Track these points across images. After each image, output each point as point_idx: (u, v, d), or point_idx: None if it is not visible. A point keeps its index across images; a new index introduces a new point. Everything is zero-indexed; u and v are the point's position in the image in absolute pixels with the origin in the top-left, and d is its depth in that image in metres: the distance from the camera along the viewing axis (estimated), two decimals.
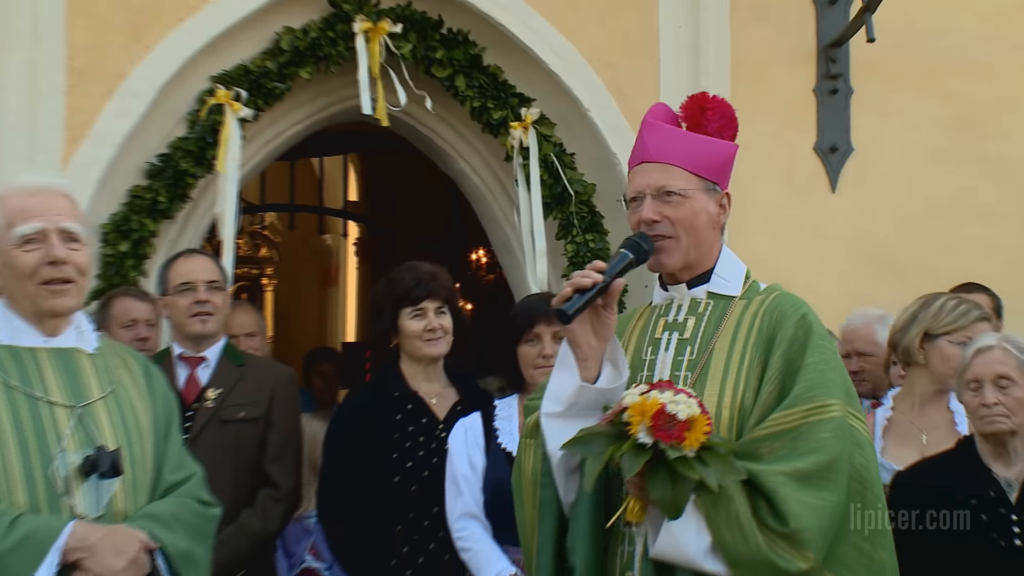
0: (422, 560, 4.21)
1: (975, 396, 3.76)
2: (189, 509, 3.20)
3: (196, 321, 4.58)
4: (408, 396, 4.35)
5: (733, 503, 2.73)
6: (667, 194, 3.00)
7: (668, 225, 3.00)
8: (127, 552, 2.94)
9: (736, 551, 2.73)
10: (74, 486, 2.98)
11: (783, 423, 2.82)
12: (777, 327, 2.94)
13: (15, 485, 2.93)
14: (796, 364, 2.89)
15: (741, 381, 2.92)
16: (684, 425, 2.67)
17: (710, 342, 2.99)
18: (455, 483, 4.13)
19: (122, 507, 3.06)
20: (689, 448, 2.67)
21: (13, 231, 3.08)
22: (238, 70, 5.53)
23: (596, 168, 5.86)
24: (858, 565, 2.82)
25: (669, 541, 2.78)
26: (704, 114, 3.10)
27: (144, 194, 5.42)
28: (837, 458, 2.80)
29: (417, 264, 4.47)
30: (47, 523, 2.90)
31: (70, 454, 2.99)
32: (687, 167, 3.02)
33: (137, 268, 5.38)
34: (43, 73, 5.27)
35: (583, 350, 2.94)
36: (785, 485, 2.74)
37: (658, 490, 2.70)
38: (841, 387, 2.90)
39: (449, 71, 5.71)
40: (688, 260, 3.05)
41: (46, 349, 3.13)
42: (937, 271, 5.64)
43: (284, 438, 4.62)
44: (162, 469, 3.22)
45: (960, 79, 6.11)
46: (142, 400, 3.25)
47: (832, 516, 2.77)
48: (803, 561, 2.73)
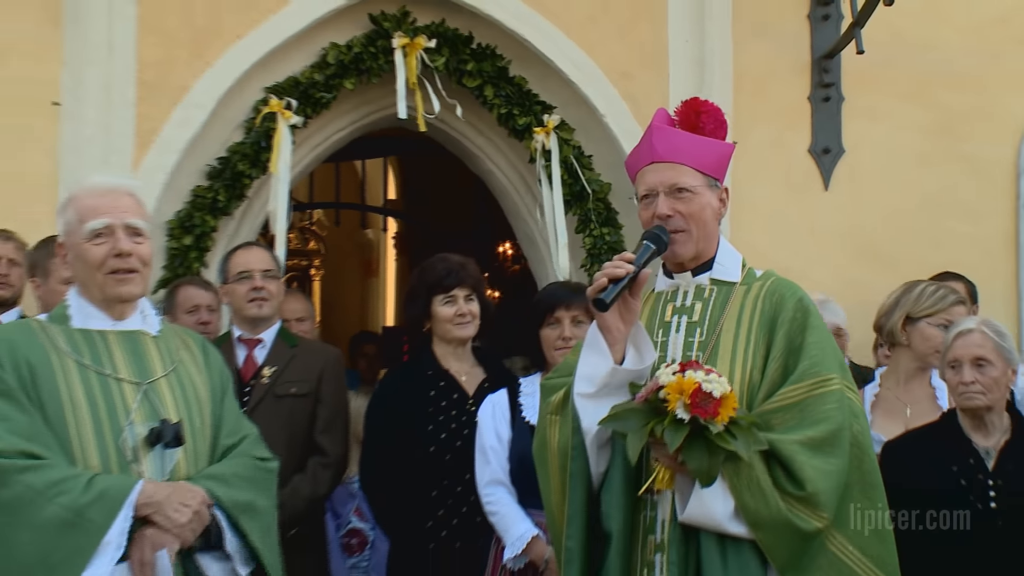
0: (455, 522, 4.24)
1: (955, 374, 3.77)
2: (246, 465, 3.21)
3: (253, 306, 4.62)
4: (440, 375, 4.37)
5: (754, 470, 2.76)
6: (679, 191, 3.01)
7: (680, 219, 3.01)
8: (191, 506, 2.95)
9: (758, 514, 2.76)
10: (141, 455, 3.01)
11: (791, 397, 2.86)
12: (778, 310, 2.96)
13: (90, 453, 2.96)
14: (797, 343, 2.91)
15: (748, 360, 2.94)
16: (719, 402, 2.69)
17: (717, 324, 3.00)
18: (483, 453, 4.14)
19: (184, 472, 3.08)
20: (721, 422, 2.69)
21: (84, 227, 3.10)
22: (289, 82, 5.55)
23: (611, 169, 5.84)
24: (860, 522, 2.85)
25: (699, 507, 2.80)
26: (699, 117, 3.11)
27: (205, 194, 5.45)
28: (841, 427, 2.84)
29: (448, 255, 4.49)
30: (120, 481, 2.92)
31: (137, 426, 3.01)
32: (694, 166, 3.03)
33: (199, 260, 5.42)
34: (116, 86, 5.30)
35: (613, 334, 2.93)
36: (800, 453, 2.78)
37: (695, 461, 2.71)
38: (837, 362, 2.94)
39: (479, 81, 5.71)
40: (698, 250, 3.07)
41: (114, 332, 3.15)
42: (922, 261, 5.61)
43: (332, 411, 4.64)
44: (219, 435, 3.24)
45: (942, 88, 6.06)
46: (200, 375, 3.26)
47: (840, 479, 2.81)
48: (818, 520, 2.77)
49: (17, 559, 2.79)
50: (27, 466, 2.84)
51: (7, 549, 2.79)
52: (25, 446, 2.87)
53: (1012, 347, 3.81)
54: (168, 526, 2.92)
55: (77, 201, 3.17)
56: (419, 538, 4.24)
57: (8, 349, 3.00)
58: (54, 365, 3.02)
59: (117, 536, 2.85)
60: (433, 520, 4.24)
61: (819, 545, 2.81)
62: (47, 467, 2.86)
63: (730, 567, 2.80)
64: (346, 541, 5.32)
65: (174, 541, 2.93)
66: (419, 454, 4.26)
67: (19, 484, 2.82)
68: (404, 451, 4.26)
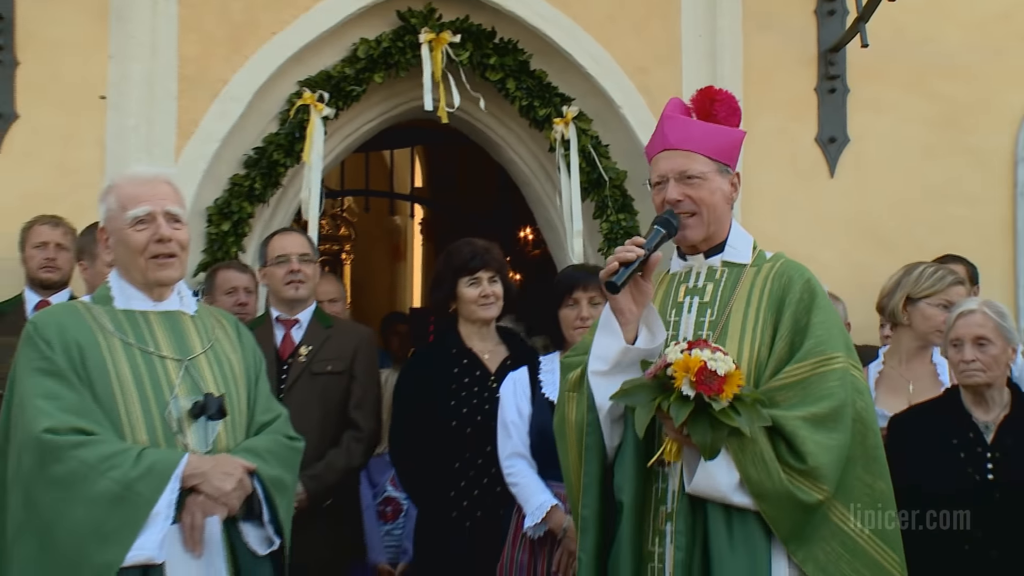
0: (476, 493, 4.25)
1: (957, 353, 3.75)
2: (279, 443, 3.23)
3: (290, 288, 4.63)
4: (464, 353, 4.37)
5: (757, 445, 2.75)
6: (688, 177, 3.00)
7: (690, 204, 3.00)
8: (234, 475, 2.98)
9: (761, 486, 2.75)
10: (185, 426, 3.03)
11: (795, 374, 2.84)
12: (786, 291, 2.94)
13: (137, 426, 2.98)
14: (803, 322, 2.89)
15: (756, 339, 2.92)
16: (723, 379, 2.69)
17: (727, 304, 2.98)
18: (505, 427, 4.14)
19: (224, 444, 3.10)
20: (725, 399, 2.69)
21: (126, 214, 3.11)
22: (321, 75, 5.56)
23: (627, 157, 5.84)
24: (863, 495, 2.84)
25: (705, 479, 2.79)
26: (713, 105, 3.09)
27: (243, 182, 5.47)
28: (843, 403, 2.82)
29: (473, 240, 4.48)
30: (167, 455, 2.94)
31: (181, 399, 3.03)
32: (704, 152, 3.01)
33: (237, 244, 5.44)
34: (159, 80, 5.32)
35: (625, 316, 2.92)
36: (802, 428, 2.77)
37: (699, 435, 2.71)
38: (843, 342, 2.91)
39: (501, 75, 5.70)
40: (708, 233, 3.05)
41: (155, 312, 3.16)
42: (924, 246, 5.57)
43: (365, 388, 4.65)
44: (254, 411, 3.25)
45: (944, 80, 6.01)
46: (235, 353, 3.27)
47: (841, 453, 2.79)
48: (819, 493, 2.76)
49: (72, 531, 2.81)
50: (80, 442, 2.86)
51: (63, 521, 2.81)
52: (77, 422, 2.88)
53: (1012, 327, 3.79)
54: (215, 495, 2.94)
55: (118, 189, 3.18)
56: (443, 507, 4.26)
57: (57, 331, 3.02)
58: (101, 344, 3.03)
59: (165, 508, 2.87)
60: (456, 490, 4.25)
61: (821, 516, 2.80)
62: (98, 442, 2.88)
63: (735, 536, 2.79)
64: (382, 509, 5.34)
65: (222, 509, 2.96)
66: (443, 427, 4.26)
67: (73, 460, 2.84)
68: (430, 423, 4.27)
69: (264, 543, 3.08)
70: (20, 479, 2.88)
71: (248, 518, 3.06)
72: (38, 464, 2.85)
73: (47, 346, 2.98)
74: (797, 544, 2.79)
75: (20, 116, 5.21)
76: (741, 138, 3.10)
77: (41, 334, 3.00)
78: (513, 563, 4.07)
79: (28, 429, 2.88)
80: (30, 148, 5.22)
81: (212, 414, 3.03)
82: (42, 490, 2.84)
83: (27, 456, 2.87)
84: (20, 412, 2.93)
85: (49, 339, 2.99)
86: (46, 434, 2.85)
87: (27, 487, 2.86)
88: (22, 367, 2.99)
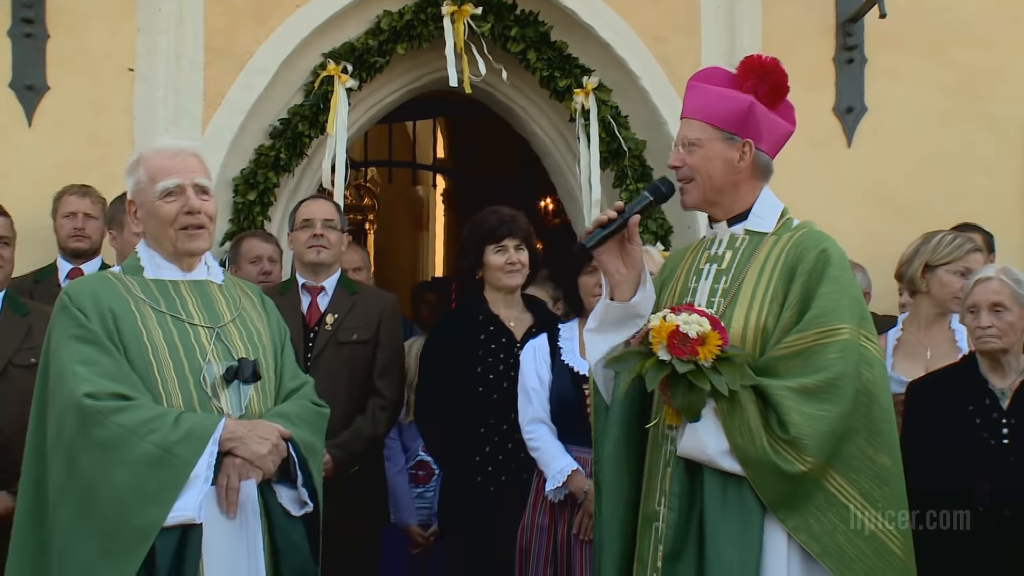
0: (501, 458, 4.25)
1: (974, 319, 3.73)
2: (308, 409, 3.25)
3: (312, 252, 4.63)
4: (490, 320, 4.36)
5: (746, 412, 2.74)
6: (689, 144, 3.00)
7: (687, 170, 3.01)
8: (270, 439, 2.99)
9: (746, 452, 2.74)
10: (220, 391, 3.04)
11: (796, 344, 2.81)
12: (799, 260, 2.91)
13: (173, 391, 2.99)
14: (812, 292, 2.86)
15: (765, 307, 2.89)
16: (697, 341, 2.69)
17: (742, 272, 2.96)
18: (526, 393, 4.15)
19: (257, 408, 3.11)
20: (704, 360, 2.69)
21: (156, 186, 3.11)
22: (345, 47, 5.54)
23: (646, 128, 5.81)
24: (862, 466, 2.79)
25: (692, 441, 2.80)
26: (752, 80, 3.04)
27: (268, 152, 5.46)
28: (841, 375, 2.77)
29: (500, 208, 4.48)
30: (204, 419, 2.96)
31: (214, 365, 3.05)
32: (703, 119, 3.00)
33: (263, 214, 5.44)
34: (186, 52, 5.32)
35: (614, 277, 2.99)
36: (788, 398, 2.74)
37: (677, 398, 2.74)
38: (854, 312, 2.85)
39: (522, 46, 5.67)
40: (707, 199, 3.05)
41: (184, 281, 3.17)
42: (941, 214, 5.53)
43: (389, 356, 4.65)
44: (282, 377, 3.27)
45: (962, 48, 5.95)
46: (261, 321, 3.29)
47: (832, 425, 2.74)
48: (802, 464, 2.72)
49: (115, 493, 2.83)
50: (119, 407, 2.87)
51: (105, 484, 2.84)
52: (115, 388, 2.90)
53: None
54: (251, 458, 2.96)
55: (147, 162, 3.18)
56: (467, 471, 4.27)
57: (92, 299, 3.03)
58: (134, 312, 3.04)
59: (204, 470, 2.89)
60: (481, 456, 4.26)
61: (811, 485, 2.76)
62: (137, 407, 2.89)
63: (729, 500, 2.79)
64: (413, 473, 5.38)
65: (258, 472, 2.98)
66: (469, 393, 4.27)
67: (113, 425, 2.85)
68: (455, 389, 4.28)
69: (297, 504, 3.10)
70: (62, 444, 2.90)
71: (282, 480, 3.08)
72: (80, 429, 2.87)
73: (82, 314, 2.99)
74: (786, 512, 2.77)
75: (51, 87, 5.23)
76: (745, 105, 3.01)
77: (76, 302, 3.02)
78: (534, 526, 4.10)
79: (68, 395, 2.90)
80: (61, 118, 5.23)
81: (247, 378, 3.05)
82: (84, 454, 2.86)
83: (68, 421, 2.89)
84: (59, 379, 2.94)
85: (84, 307, 3.00)
86: (86, 399, 2.86)
87: (69, 451, 2.88)
88: (58, 335, 3.00)
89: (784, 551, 2.78)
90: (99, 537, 2.82)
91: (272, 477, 3.04)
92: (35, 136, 5.21)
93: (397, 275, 13.01)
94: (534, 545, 4.08)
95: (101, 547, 2.82)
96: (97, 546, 2.82)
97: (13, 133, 5.19)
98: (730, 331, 2.84)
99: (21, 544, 3.00)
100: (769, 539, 2.79)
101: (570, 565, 4.01)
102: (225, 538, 2.96)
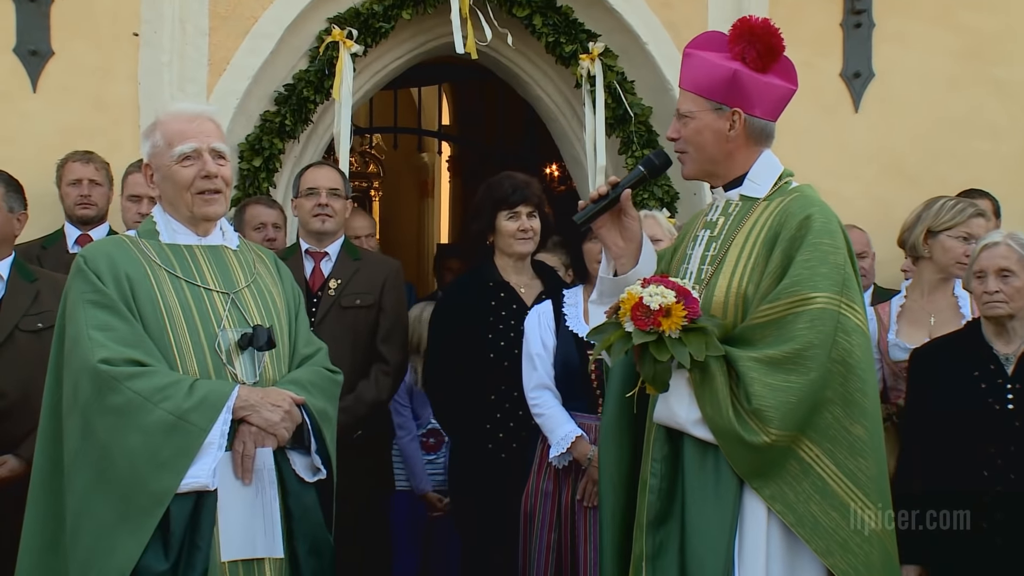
0: (512, 424, 4.26)
1: (980, 284, 3.72)
2: (322, 375, 3.25)
3: (317, 220, 4.63)
4: (501, 286, 4.36)
5: (715, 382, 2.73)
6: (682, 116, 2.99)
7: (682, 142, 3.00)
8: (282, 406, 3.01)
9: (714, 422, 2.74)
10: (234, 357, 3.05)
11: (768, 314, 2.78)
12: (782, 226, 2.86)
13: (187, 357, 3.00)
14: (790, 259, 2.82)
15: (746, 273, 2.87)
16: (660, 312, 2.68)
17: (731, 239, 2.94)
18: (530, 359, 4.15)
19: (271, 375, 3.13)
20: (671, 330, 2.68)
21: (173, 150, 3.11)
22: (350, 12, 5.51)
23: (652, 93, 5.78)
24: (838, 436, 2.76)
25: (664, 409, 2.83)
26: (741, 45, 2.96)
27: (273, 118, 5.45)
28: (809, 345, 2.73)
29: (513, 173, 4.47)
30: (219, 386, 2.97)
31: (228, 331, 3.05)
32: (694, 91, 2.98)
33: (268, 180, 5.44)
34: (190, 18, 5.30)
35: (613, 250, 3.01)
36: (753, 369, 2.72)
37: (644, 369, 2.74)
38: (834, 280, 2.79)
39: (528, 11, 5.63)
40: (704, 170, 3.04)
41: (200, 246, 3.18)
42: (947, 180, 5.52)
43: (392, 321, 4.65)
44: (296, 344, 3.27)
45: (970, 13, 5.90)
46: (276, 287, 3.28)
47: (799, 396, 2.71)
48: (766, 435, 2.69)
49: (129, 458, 2.85)
50: (134, 373, 2.88)
51: (120, 448, 2.86)
52: (131, 354, 2.91)
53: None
54: (263, 425, 2.98)
55: (164, 125, 3.16)
56: (477, 439, 4.28)
57: (108, 264, 3.03)
58: (150, 277, 3.05)
59: (218, 438, 2.91)
60: (491, 422, 4.27)
61: (780, 455, 2.73)
62: (152, 373, 2.91)
63: (707, 468, 2.78)
64: (425, 440, 5.41)
65: (272, 440, 3.00)
66: (479, 359, 4.27)
67: (128, 391, 2.86)
68: (465, 355, 4.28)
69: (310, 471, 3.12)
70: (77, 408, 2.92)
71: (296, 447, 3.10)
72: (95, 394, 2.88)
73: (98, 278, 2.99)
74: (760, 482, 2.75)
75: (56, 52, 5.21)
76: (729, 74, 2.94)
77: (92, 266, 3.02)
78: (539, 492, 4.11)
79: (84, 360, 2.91)
80: (65, 84, 5.22)
81: (261, 345, 3.06)
82: (99, 419, 2.88)
83: (83, 386, 2.90)
84: (74, 343, 2.95)
85: (100, 271, 3.01)
86: (102, 365, 2.88)
87: (84, 415, 2.90)
88: (74, 299, 3.01)
89: (764, 520, 2.77)
90: (114, 502, 2.85)
91: (286, 444, 3.05)
92: (40, 102, 5.20)
93: (402, 242, 12.99)
94: (538, 511, 4.10)
95: (116, 511, 2.84)
96: (112, 510, 2.84)
97: (18, 99, 5.19)
98: (713, 297, 2.86)
99: (38, 504, 3.03)
100: (748, 507, 2.78)
101: (574, 530, 4.03)
102: (241, 504, 2.98)
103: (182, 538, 2.85)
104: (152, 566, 2.80)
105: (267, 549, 3.00)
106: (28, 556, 3.01)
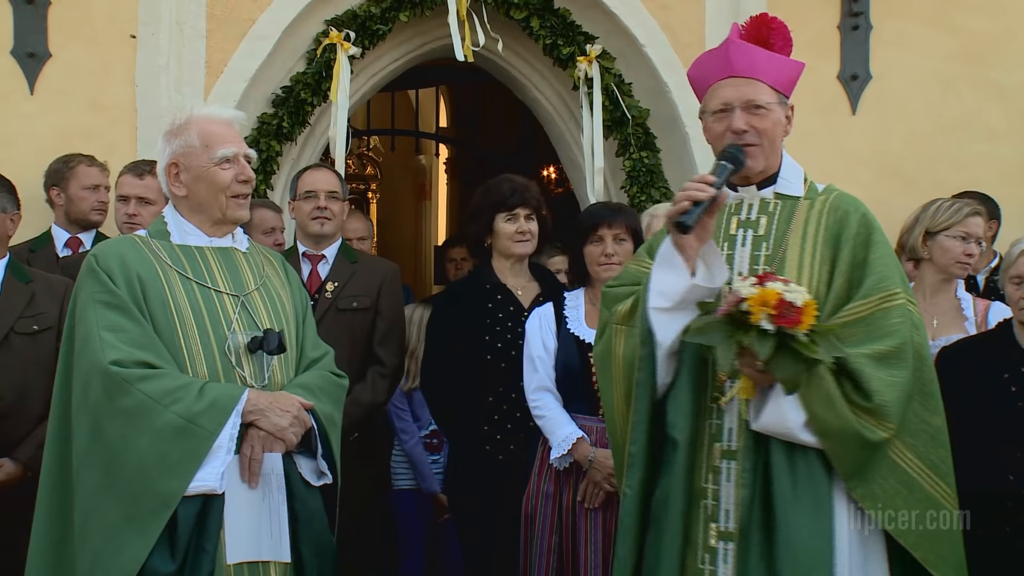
0: (510, 426, 4.25)
1: (1016, 289, 3.71)
2: (328, 380, 3.27)
3: (316, 223, 4.63)
4: (498, 288, 4.36)
5: (824, 382, 2.70)
6: (755, 107, 2.94)
7: (755, 135, 2.94)
8: (291, 411, 3.02)
9: (826, 424, 2.70)
10: (243, 360, 3.06)
11: (859, 311, 2.80)
12: (842, 225, 2.89)
13: (197, 359, 3.01)
14: (861, 258, 2.85)
15: (815, 274, 2.87)
16: (800, 310, 2.62)
17: (784, 238, 2.93)
18: (531, 361, 4.14)
19: (279, 378, 3.14)
20: (803, 330, 2.63)
21: (214, 152, 3.13)
22: (348, 14, 5.50)
23: (650, 95, 5.78)
24: (919, 431, 2.80)
25: (776, 415, 2.75)
26: (769, 33, 3.00)
27: (271, 120, 5.44)
28: (906, 340, 2.77)
29: (512, 176, 4.46)
30: (228, 390, 2.98)
31: (238, 334, 3.06)
32: (770, 82, 2.96)
33: (265, 182, 5.42)
34: (188, 20, 5.29)
35: (687, 252, 2.85)
36: (867, 366, 2.72)
37: (783, 370, 2.65)
38: (900, 276, 2.87)
39: (525, 13, 5.63)
40: (767, 164, 3.00)
41: (211, 248, 3.19)
42: (945, 182, 5.53)
43: (389, 323, 4.65)
44: (304, 347, 3.29)
45: (968, 15, 5.92)
46: (284, 290, 3.30)
47: (904, 391, 2.75)
48: (884, 430, 2.72)
49: (138, 459, 2.86)
50: (144, 375, 2.89)
51: (129, 450, 2.86)
52: (141, 355, 2.92)
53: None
54: (271, 430, 2.99)
55: (199, 125, 3.17)
56: (476, 441, 4.27)
57: (119, 264, 3.03)
58: (161, 278, 3.05)
59: (227, 441, 2.92)
60: (489, 424, 4.27)
61: (883, 452, 2.75)
62: (162, 376, 2.91)
63: (799, 474, 2.76)
64: (427, 441, 5.42)
65: (281, 444, 3.01)
66: (477, 361, 4.27)
67: (139, 393, 2.87)
68: (463, 357, 4.28)
69: (315, 474, 3.13)
70: (87, 409, 2.92)
71: (302, 451, 3.11)
72: (105, 396, 2.89)
73: (109, 278, 3.00)
74: (858, 481, 2.76)
75: (53, 55, 5.21)
76: (800, 70, 3.01)
77: (103, 266, 3.02)
78: (539, 494, 4.10)
79: (94, 361, 2.91)
80: (63, 86, 5.22)
81: (272, 349, 3.07)
82: (109, 421, 2.88)
83: (93, 387, 2.91)
84: (84, 343, 2.96)
85: (111, 271, 3.01)
86: (113, 366, 2.88)
87: (94, 417, 2.90)
88: (84, 299, 3.01)
89: (846, 525, 2.78)
90: (122, 503, 2.85)
91: (292, 448, 3.05)
92: (37, 104, 5.20)
93: (399, 244, 12.98)
94: (539, 513, 4.09)
95: (124, 513, 2.85)
96: (120, 511, 2.85)
97: (15, 101, 5.19)
98: None
99: (46, 504, 3.04)
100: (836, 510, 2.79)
101: (575, 533, 4.02)
102: (247, 508, 2.99)
103: (188, 540, 2.86)
104: (158, 567, 2.82)
105: (273, 552, 3.01)
106: (37, 555, 3.03)
